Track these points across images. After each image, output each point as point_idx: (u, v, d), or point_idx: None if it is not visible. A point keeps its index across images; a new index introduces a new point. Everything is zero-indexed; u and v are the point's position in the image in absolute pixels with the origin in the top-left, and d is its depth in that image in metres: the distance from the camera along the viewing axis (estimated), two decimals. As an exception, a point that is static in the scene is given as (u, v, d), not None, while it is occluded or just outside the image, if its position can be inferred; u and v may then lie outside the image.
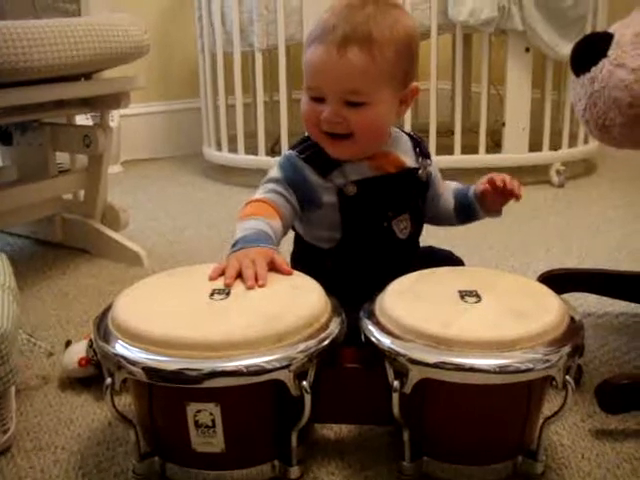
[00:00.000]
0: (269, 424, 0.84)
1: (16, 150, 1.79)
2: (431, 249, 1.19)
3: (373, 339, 0.84)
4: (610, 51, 0.97)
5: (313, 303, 0.87)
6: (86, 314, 1.39)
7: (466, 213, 1.15)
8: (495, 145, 2.48)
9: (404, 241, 1.08)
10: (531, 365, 0.77)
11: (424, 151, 1.12)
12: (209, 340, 0.78)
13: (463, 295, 0.87)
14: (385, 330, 0.84)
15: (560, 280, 1.26)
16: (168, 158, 2.94)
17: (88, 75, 1.62)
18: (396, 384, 0.81)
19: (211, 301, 0.85)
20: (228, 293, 0.86)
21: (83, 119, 2.05)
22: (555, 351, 0.79)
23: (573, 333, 0.83)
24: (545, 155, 2.41)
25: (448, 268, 1.02)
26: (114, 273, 1.64)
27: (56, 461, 0.94)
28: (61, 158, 1.88)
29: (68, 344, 1.15)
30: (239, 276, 0.89)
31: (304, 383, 0.79)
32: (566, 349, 0.80)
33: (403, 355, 0.80)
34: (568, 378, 0.80)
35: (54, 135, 1.73)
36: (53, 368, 1.16)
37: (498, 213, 1.13)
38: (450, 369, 0.77)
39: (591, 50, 1.00)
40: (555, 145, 2.42)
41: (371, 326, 0.86)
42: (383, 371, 0.83)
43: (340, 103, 0.99)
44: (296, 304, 0.85)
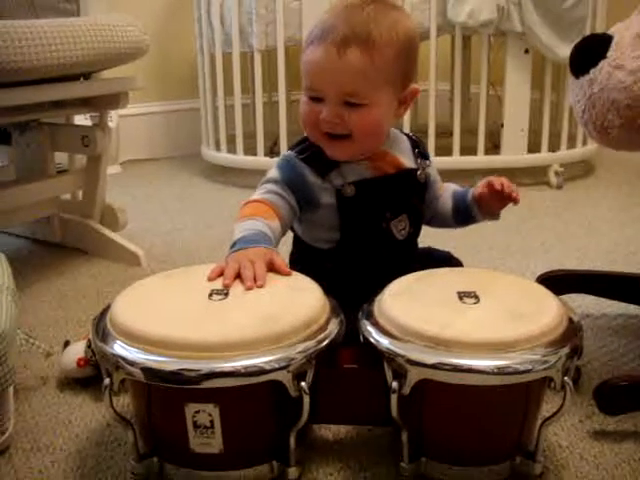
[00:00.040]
0: (267, 425, 0.84)
1: (15, 150, 1.79)
2: (430, 250, 1.19)
3: (372, 340, 0.84)
4: (609, 53, 0.98)
5: (312, 304, 0.87)
6: (84, 314, 1.39)
7: (464, 216, 1.15)
8: (494, 146, 2.48)
9: (402, 242, 1.08)
10: (529, 366, 0.77)
11: (423, 152, 1.12)
12: (208, 341, 0.78)
13: (462, 296, 0.87)
14: (384, 331, 0.84)
15: (558, 281, 1.27)
16: (167, 158, 2.94)
17: (87, 75, 1.62)
18: (395, 385, 0.81)
19: (210, 302, 0.85)
20: (227, 294, 0.86)
21: (82, 119, 2.05)
22: (553, 352, 0.79)
23: (571, 334, 0.83)
24: (544, 156, 2.41)
25: (447, 269, 1.02)
26: (112, 273, 1.64)
27: (54, 461, 0.94)
28: (60, 158, 1.88)
29: (66, 344, 1.15)
30: (238, 277, 0.89)
31: (303, 384, 0.79)
32: (564, 350, 0.80)
33: (402, 356, 0.80)
34: (566, 379, 0.80)
35: (53, 135, 1.73)
36: (51, 368, 1.16)
37: (496, 217, 1.13)
38: (449, 370, 0.77)
39: (590, 52, 1.00)
40: (554, 146, 2.42)
41: (370, 327, 0.86)
42: (382, 372, 0.83)
43: (339, 103, 0.99)
44: (295, 305, 0.85)
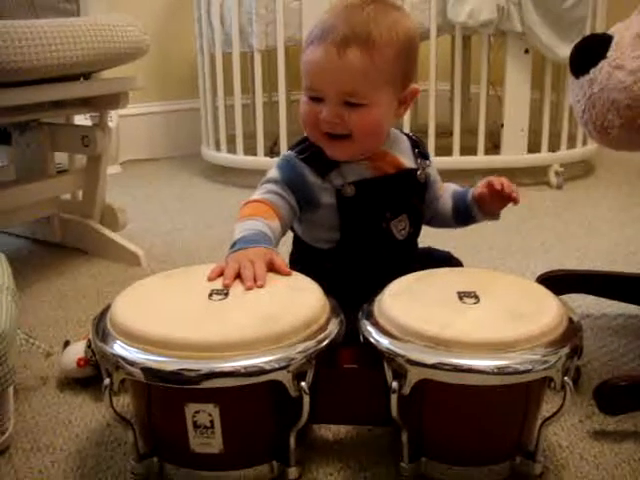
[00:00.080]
0: (267, 425, 0.84)
1: (15, 150, 1.79)
2: (430, 250, 1.19)
3: (372, 340, 0.84)
4: (609, 53, 0.97)
5: (312, 304, 0.87)
6: (84, 314, 1.39)
7: (464, 216, 1.15)
8: (494, 146, 2.48)
9: (402, 242, 1.08)
10: (530, 366, 0.77)
11: (423, 152, 1.12)
12: (208, 341, 0.78)
13: (462, 296, 0.87)
14: (384, 331, 0.84)
15: (558, 281, 1.27)
16: (167, 158, 2.94)
17: (87, 75, 1.62)
18: (395, 385, 0.81)
19: (210, 302, 0.85)
20: (227, 294, 0.86)
21: (82, 119, 2.05)
22: (554, 352, 0.79)
23: (571, 334, 0.83)
24: (544, 156, 2.41)
25: (447, 269, 1.02)
26: (112, 273, 1.64)
27: (54, 461, 0.93)
28: (60, 158, 1.88)
29: (66, 344, 1.15)
30: (238, 276, 0.89)
31: (303, 384, 0.79)
32: (565, 350, 0.80)
33: (402, 356, 0.80)
34: (566, 379, 0.80)
35: (53, 135, 1.73)
36: (51, 368, 1.16)
37: (496, 217, 1.12)
38: (449, 370, 0.77)
39: (590, 52, 1.00)
40: (554, 146, 2.42)
41: (370, 327, 0.86)
42: (382, 372, 0.83)
43: (339, 103, 0.99)
44: (295, 305, 0.85)
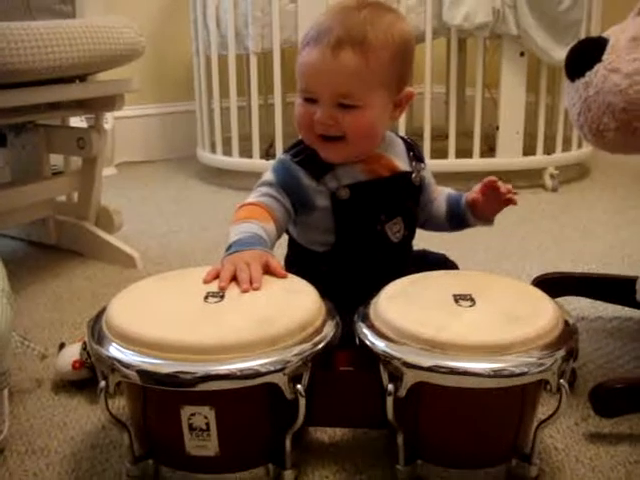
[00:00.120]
0: (263, 427, 0.84)
1: (10, 152, 1.78)
2: (425, 253, 1.19)
3: (367, 342, 0.84)
4: (605, 56, 0.98)
5: (308, 306, 0.86)
6: (80, 316, 1.38)
7: (458, 220, 1.15)
8: (489, 149, 2.49)
9: (397, 244, 1.08)
10: (525, 369, 0.78)
11: (418, 155, 1.12)
12: (203, 343, 0.78)
13: (457, 299, 0.87)
14: (379, 333, 0.84)
15: (554, 284, 1.27)
16: (162, 160, 2.93)
17: (83, 77, 1.61)
18: (390, 387, 0.81)
19: (205, 304, 0.85)
20: (222, 296, 0.86)
21: (77, 121, 2.05)
22: (549, 355, 0.79)
23: (567, 337, 0.84)
24: (539, 159, 2.41)
25: (442, 272, 1.02)
26: (108, 275, 1.63)
27: (49, 464, 0.93)
28: (55, 160, 1.88)
29: (62, 347, 1.14)
30: (234, 279, 0.89)
31: (299, 386, 0.79)
32: (560, 353, 0.80)
33: (397, 358, 0.80)
34: (562, 382, 0.80)
35: (48, 137, 1.73)
36: (47, 371, 1.16)
37: (490, 222, 1.13)
38: (444, 373, 0.77)
39: (586, 55, 1.01)
40: (549, 149, 2.43)
41: (365, 329, 0.86)
42: (377, 374, 0.83)
43: (333, 105, 0.99)
44: (291, 307, 0.85)
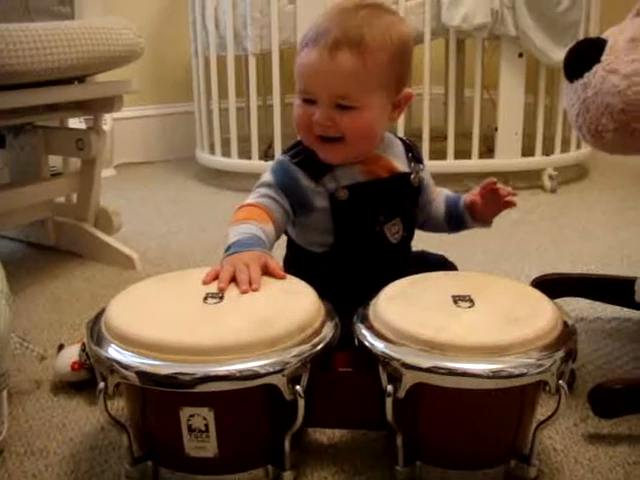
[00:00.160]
0: (262, 428, 0.84)
1: (9, 153, 1.78)
2: (424, 254, 1.19)
3: (367, 343, 0.84)
4: (603, 57, 0.98)
5: (306, 307, 0.87)
6: (79, 318, 1.38)
7: (456, 221, 1.15)
8: (488, 150, 2.49)
9: (396, 245, 1.08)
10: (524, 370, 0.78)
11: (416, 156, 1.12)
12: (202, 344, 0.78)
13: (456, 300, 0.87)
14: (379, 334, 0.84)
15: (553, 285, 1.27)
16: (161, 162, 2.93)
17: (81, 78, 1.61)
18: (389, 389, 0.81)
19: (205, 305, 0.85)
20: (222, 297, 0.86)
21: (76, 122, 2.05)
22: (548, 356, 0.79)
23: (566, 338, 0.84)
24: (538, 160, 2.41)
25: (441, 273, 1.02)
26: (107, 276, 1.63)
27: (48, 465, 0.93)
28: (54, 161, 1.88)
29: (61, 348, 1.14)
30: (233, 280, 0.89)
31: (298, 387, 0.79)
32: (559, 354, 0.80)
33: (397, 360, 0.80)
34: (561, 383, 0.80)
35: (47, 138, 1.73)
36: (45, 372, 1.16)
37: (488, 224, 1.13)
38: (443, 374, 0.78)
39: (584, 56, 1.01)
40: (548, 150, 2.43)
41: (365, 330, 0.86)
42: (376, 376, 0.83)
43: (331, 106, 0.99)
44: (290, 308, 0.85)
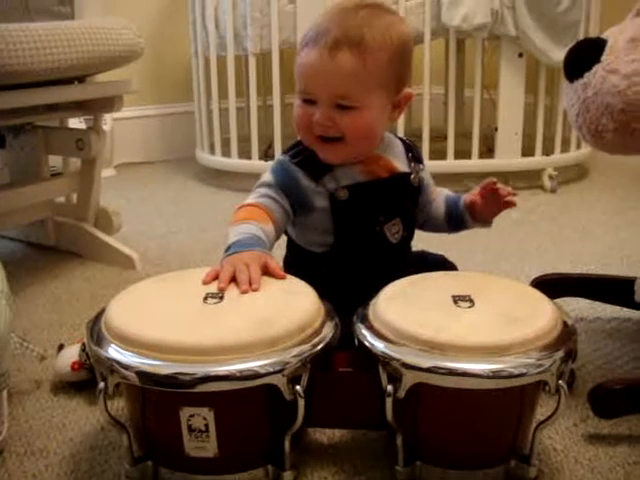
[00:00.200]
0: (262, 428, 0.84)
1: (9, 153, 1.78)
2: (424, 253, 1.19)
3: (367, 343, 0.84)
4: (603, 57, 0.98)
5: (306, 307, 0.87)
6: (79, 318, 1.38)
7: (456, 222, 1.15)
8: (488, 150, 2.49)
9: (396, 245, 1.08)
10: (524, 370, 0.78)
11: (416, 156, 1.12)
12: (203, 344, 0.78)
13: (456, 300, 0.87)
14: (379, 334, 0.84)
15: (553, 285, 1.27)
16: (161, 162, 2.93)
17: (81, 78, 1.61)
18: (389, 389, 0.81)
19: (205, 305, 0.85)
20: (222, 297, 0.86)
21: (76, 122, 2.05)
22: (548, 356, 0.79)
23: (566, 338, 0.84)
24: (538, 160, 2.41)
25: (441, 273, 1.02)
26: (107, 276, 1.63)
27: (48, 465, 0.93)
28: (54, 161, 1.88)
29: (61, 348, 1.14)
30: (233, 280, 0.89)
31: (298, 387, 0.79)
32: (559, 354, 0.80)
33: (397, 360, 0.80)
34: (561, 383, 0.80)
35: (47, 138, 1.73)
36: (46, 372, 1.16)
37: (488, 224, 1.13)
38: (443, 374, 0.78)
39: (585, 56, 1.01)
40: (548, 150, 2.43)
41: (364, 330, 0.86)
42: (376, 376, 0.83)
43: (331, 106, 0.99)
44: (290, 308, 0.85)
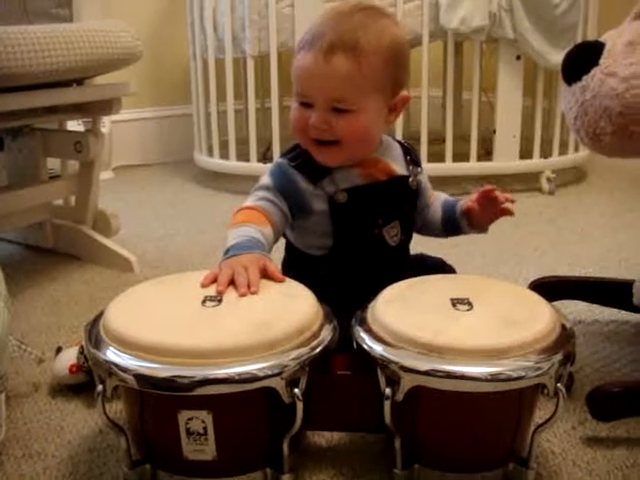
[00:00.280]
0: (261, 431, 0.84)
1: (7, 156, 1.78)
2: (422, 256, 1.19)
3: (365, 346, 0.84)
4: (601, 60, 0.98)
5: (305, 310, 0.87)
6: (77, 320, 1.38)
7: (452, 227, 1.15)
8: (486, 153, 2.49)
9: (395, 248, 1.08)
10: (523, 373, 0.78)
11: (415, 159, 1.13)
12: (201, 347, 0.78)
13: (455, 303, 0.87)
14: (377, 337, 0.84)
15: (551, 287, 1.27)
16: (159, 164, 2.93)
17: (80, 81, 1.61)
18: (388, 392, 0.81)
19: (203, 308, 0.85)
20: (220, 300, 0.86)
21: (74, 125, 2.04)
22: (546, 359, 0.79)
23: (564, 341, 0.84)
24: (536, 163, 2.42)
25: (440, 276, 1.02)
26: (105, 279, 1.63)
27: (46, 468, 0.93)
28: (52, 164, 1.87)
29: (59, 351, 1.14)
30: (231, 283, 0.89)
31: (296, 390, 0.79)
32: (557, 357, 0.80)
33: (395, 363, 0.80)
34: (559, 386, 0.80)
35: (45, 141, 1.73)
36: (44, 375, 1.16)
37: (484, 230, 1.13)
38: (442, 377, 0.78)
39: (583, 59, 1.01)
40: (546, 153, 2.43)
41: (363, 333, 0.86)
42: (375, 379, 0.83)
43: (327, 110, 0.99)
44: (288, 311, 0.85)
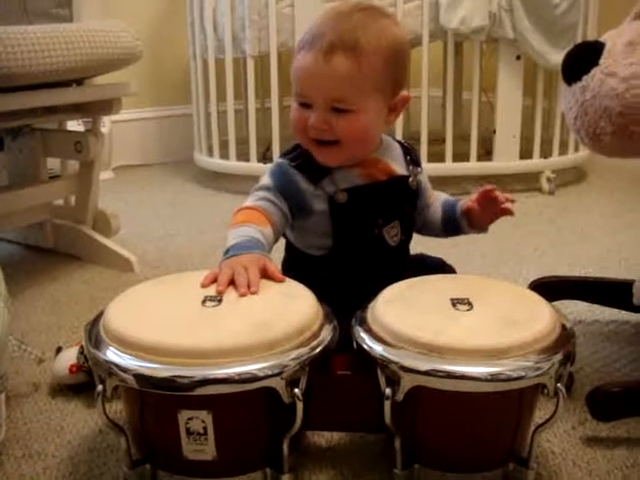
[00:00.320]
0: (261, 431, 0.84)
1: (7, 156, 1.78)
2: (422, 257, 1.19)
3: (365, 346, 0.84)
4: (601, 60, 0.98)
5: (305, 310, 0.87)
6: (77, 320, 1.38)
7: (452, 226, 1.15)
8: (486, 153, 2.49)
9: (395, 248, 1.08)
10: (523, 373, 0.78)
11: (415, 159, 1.13)
12: (201, 347, 0.78)
13: (455, 303, 0.87)
14: (377, 337, 0.84)
15: (551, 287, 1.27)
16: (159, 164, 2.93)
17: (80, 81, 1.61)
18: (388, 392, 0.81)
19: (203, 308, 0.85)
20: (220, 300, 0.86)
21: (74, 125, 2.04)
22: (546, 359, 0.79)
23: (564, 341, 0.84)
24: (536, 163, 2.42)
25: (440, 276, 1.02)
26: (105, 279, 1.63)
27: (46, 468, 0.93)
28: (52, 164, 1.87)
29: (59, 351, 1.14)
30: (231, 283, 0.89)
31: (296, 390, 0.79)
32: (557, 357, 0.80)
33: (395, 363, 0.80)
34: (559, 386, 0.80)
35: (45, 141, 1.73)
36: (44, 375, 1.16)
37: (484, 230, 1.13)
38: (442, 377, 0.78)
39: (583, 59, 1.01)
40: (546, 153, 2.43)
41: (363, 333, 0.86)
42: (375, 379, 0.83)
43: (326, 110, 0.99)
44: (288, 311, 0.85)
